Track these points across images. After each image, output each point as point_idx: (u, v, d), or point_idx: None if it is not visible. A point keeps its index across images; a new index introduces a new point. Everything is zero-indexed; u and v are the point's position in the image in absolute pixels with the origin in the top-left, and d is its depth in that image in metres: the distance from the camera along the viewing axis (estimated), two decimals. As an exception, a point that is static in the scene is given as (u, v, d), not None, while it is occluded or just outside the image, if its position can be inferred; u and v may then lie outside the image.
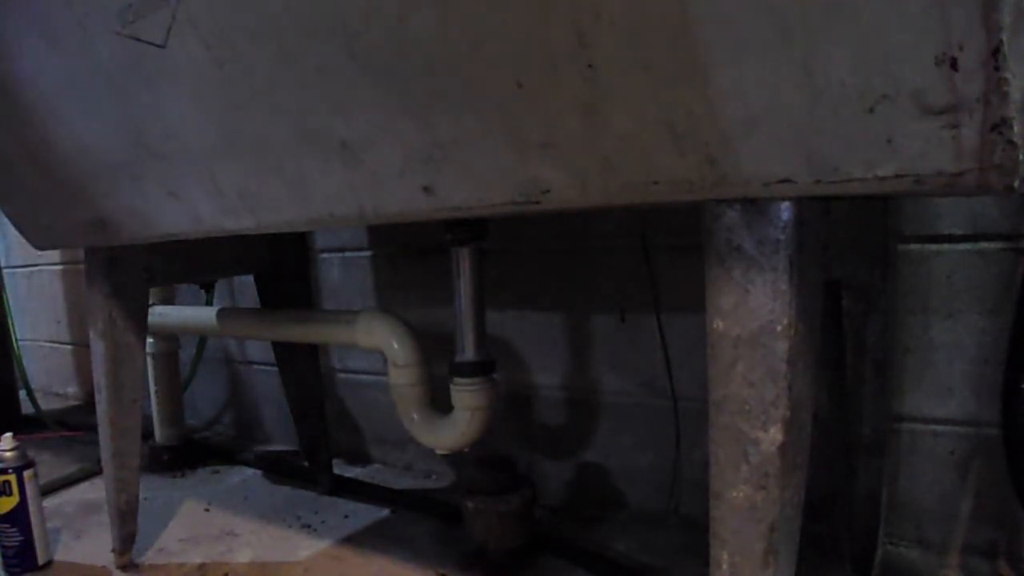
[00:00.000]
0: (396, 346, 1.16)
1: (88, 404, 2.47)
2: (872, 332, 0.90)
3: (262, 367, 1.91)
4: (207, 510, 1.50)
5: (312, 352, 1.55)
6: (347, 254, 1.66)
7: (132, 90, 0.89)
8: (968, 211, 1.01)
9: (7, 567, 1.24)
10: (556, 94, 0.61)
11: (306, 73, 0.75)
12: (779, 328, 0.59)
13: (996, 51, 0.43)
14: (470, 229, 1.10)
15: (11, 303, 2.28)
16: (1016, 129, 0.45)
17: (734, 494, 0.63)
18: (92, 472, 1.71)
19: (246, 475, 1.71)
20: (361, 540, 1.30)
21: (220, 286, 1.84)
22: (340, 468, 1.64)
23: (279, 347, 1.53)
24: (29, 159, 1.11)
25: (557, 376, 1.39)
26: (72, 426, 2.12)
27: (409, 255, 1.56)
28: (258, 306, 1.53)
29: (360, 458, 1.75)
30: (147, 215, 1.04)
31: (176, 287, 1.82)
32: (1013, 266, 0.98)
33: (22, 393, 2.23)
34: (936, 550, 1.09)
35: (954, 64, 0.45)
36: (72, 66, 0.93)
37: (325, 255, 1.70)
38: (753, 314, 0.60)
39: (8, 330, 2.22)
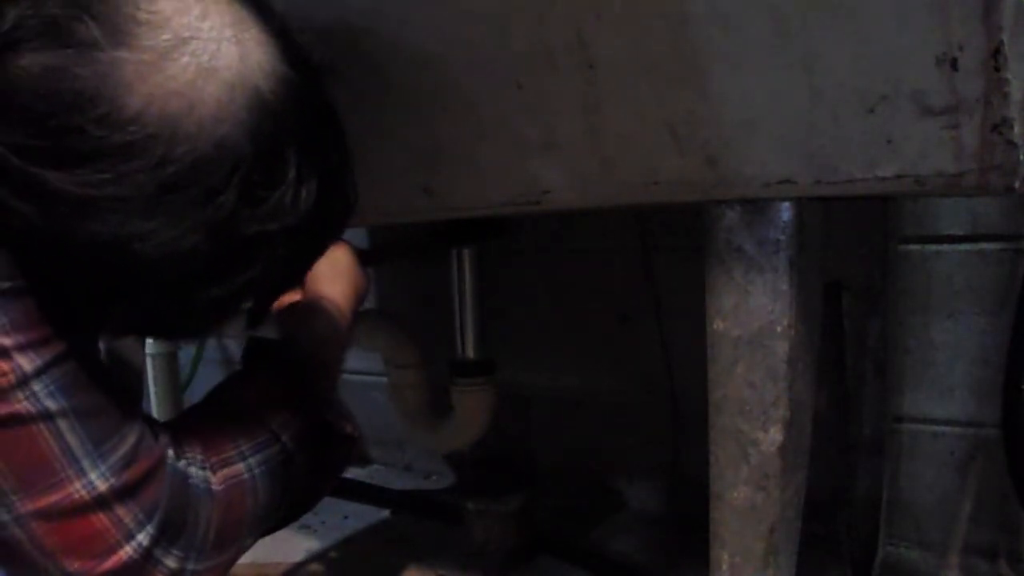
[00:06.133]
0: (395, 347, 1.16)
1: (88, 404, 2.46)
2: (872, 332, 0.90)
3: (262, 367, 1.91)
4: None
5: (312, 352, 1.54)
6: (347, 254, 1.66)
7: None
8: (968, 211, 1.01)
9: (7, 567, 1.24)
10: (556, 94, 0.61)
11: (306, 73, 0.75)
12: (779, 329, 0.59)
13: (996, 51, 0.43)
14: (470, 229, 1.10)
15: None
16: (1016, 129, 0.45)
17: (734, 495, 0.63)
18: (92, 472, 1.71)
19: (246, 475, 1.71)
20: (361, 541, 1.30)
21: (220, 286, 1.83)
22: (340, 468, 1.64)
23: (279, 347, 1.53)
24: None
25: (557, 376, 1.38)
26: (72, 426, 2.12)
27: (409, 255, 1.56)
28: (258, 306, 1.53)
29: (359, 458, 1.75)
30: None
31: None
32: (1013, 266, 0.98)
33: (22, 393, 2.23)
34: (936, 550, 1.09)
35: (954, 64, 0.45)
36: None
37: (325, 255, 1.69)
38: (753, 315, 0.60)
39: (8, 330, 2.22)
